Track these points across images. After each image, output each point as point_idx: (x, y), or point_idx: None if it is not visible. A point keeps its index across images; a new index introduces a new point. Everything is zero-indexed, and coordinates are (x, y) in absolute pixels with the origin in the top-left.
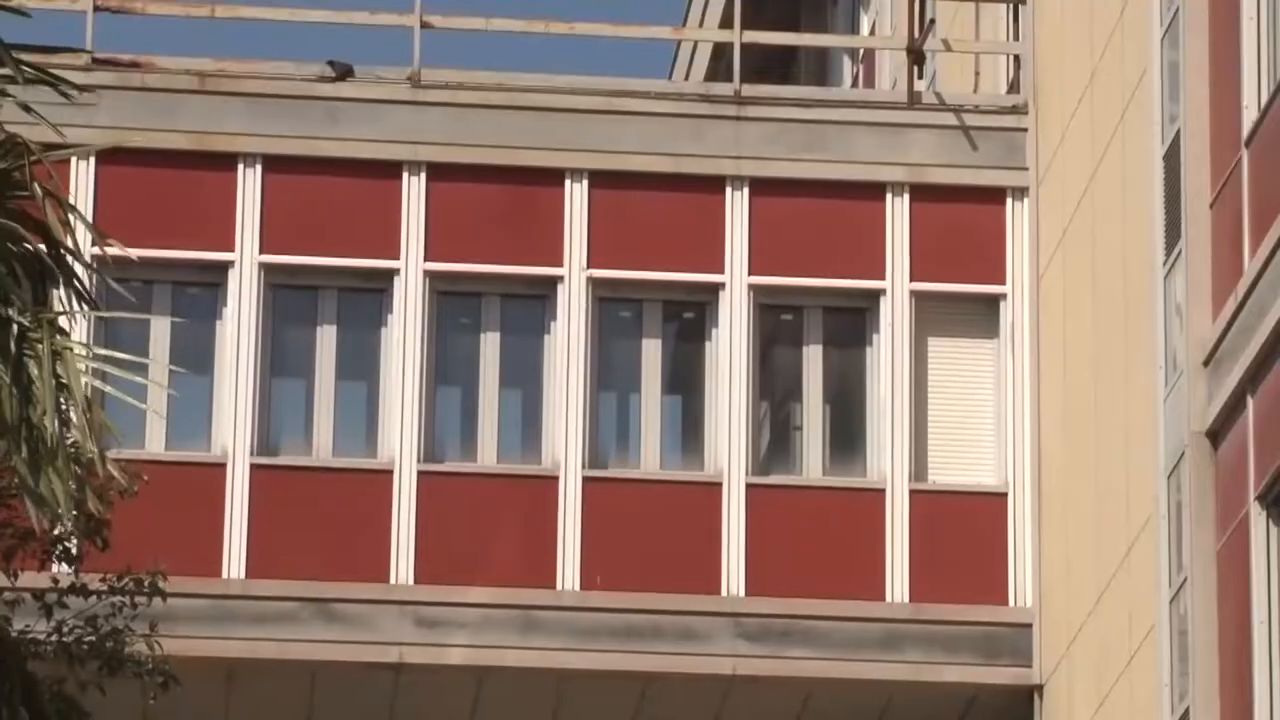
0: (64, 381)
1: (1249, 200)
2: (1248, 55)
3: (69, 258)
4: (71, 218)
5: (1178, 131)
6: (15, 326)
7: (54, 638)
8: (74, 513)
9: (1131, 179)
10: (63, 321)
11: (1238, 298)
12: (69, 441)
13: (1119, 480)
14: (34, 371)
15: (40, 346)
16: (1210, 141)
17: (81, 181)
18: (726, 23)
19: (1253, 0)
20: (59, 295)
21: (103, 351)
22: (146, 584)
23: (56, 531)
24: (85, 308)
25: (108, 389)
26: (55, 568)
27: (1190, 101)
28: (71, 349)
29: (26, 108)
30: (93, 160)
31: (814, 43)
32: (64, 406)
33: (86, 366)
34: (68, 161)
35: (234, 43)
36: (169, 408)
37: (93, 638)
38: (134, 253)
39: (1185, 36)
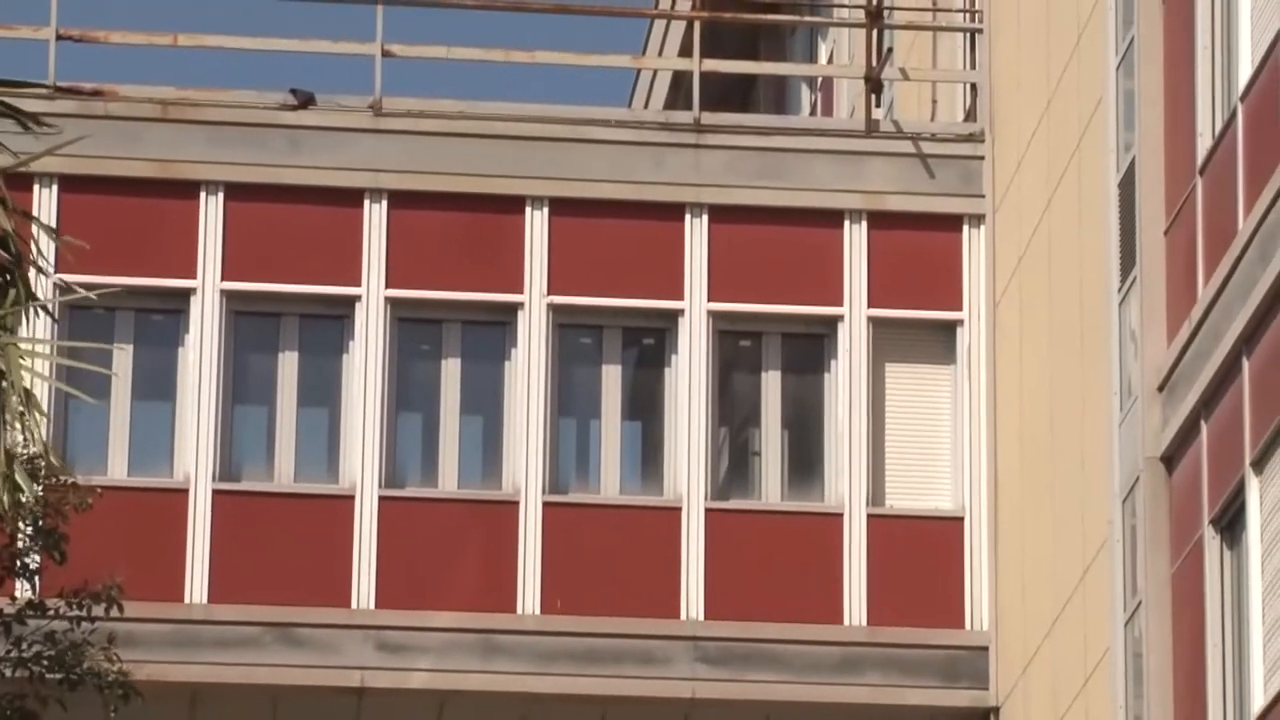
0: (3, 372)
1: (1203, 227)
2: (1202, 84)
3: (30, 268)
4: (34, 228)
5: (1133, 159)
6: None
7: (13, 653)
8: (28, 525)
9: (1087, 206)
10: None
11: (1192, 323)
12: (21, 448)
13: (1074, 504)
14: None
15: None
16: (1165, 169)
17: (46, 208)
18: (686, 51)
19: (1207, 30)
20: (11, 295)
21: (63, 343)
22: (104, 598)
23: (18, 545)
24: (39, 311)
25: (74, 392)
26: (16, 585)
27: (1145, 130)
28: (15, 344)
29: None
30: (55, 187)
31: (772, 71)
32: (13, 404)
33: (38, 363)
34: (31, 189)
35: (196, 71)
36: (131, 431)
37: (52, 653)
38: (94, 279)
39: (1140, 65)
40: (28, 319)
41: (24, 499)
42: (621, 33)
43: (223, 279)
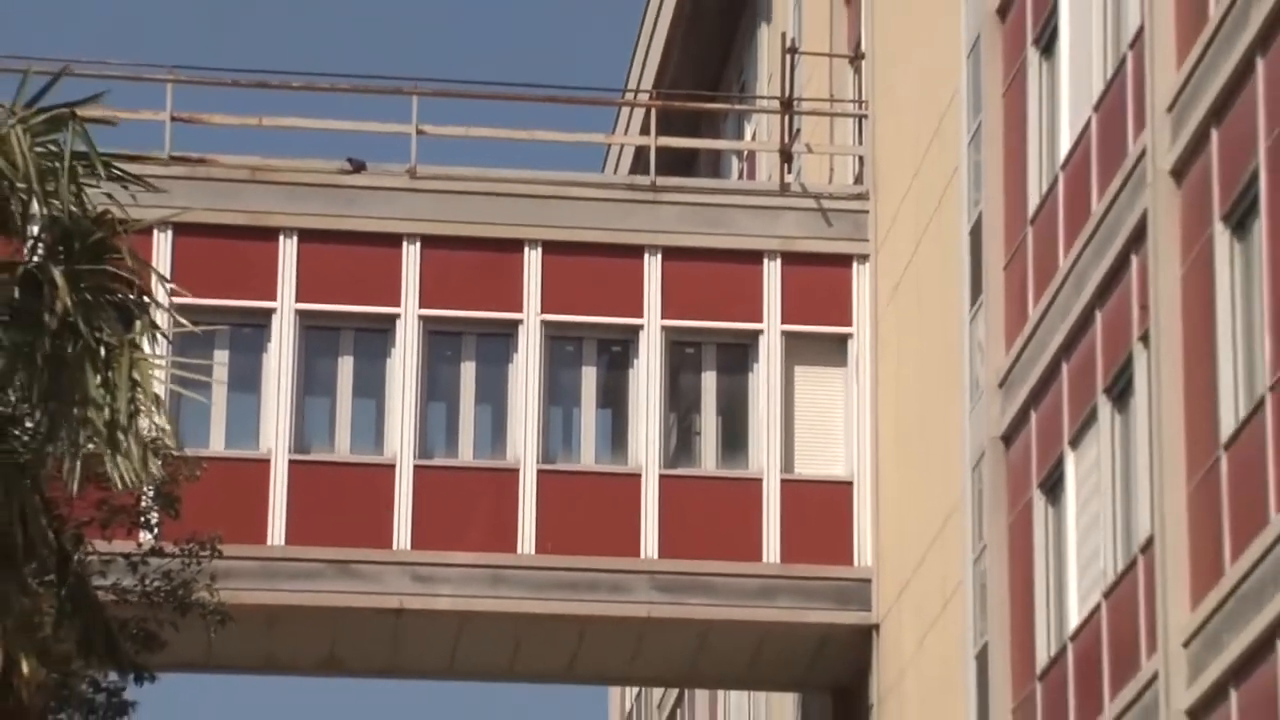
0: (138, 382)
1: (1032, 264)
2: (1032, 157)
3: (148, 300)
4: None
5: (980, 213)
6: (103, 347)
7: (138, 588)
8: (151, 489)
9: (946, 248)
10: (146, 346)
11: (1024, 337)
12: (149, 435)
13: (936, 472)
14: (114, 378)
15: (122, 361)
16: (1004, 221)
17: (163, 249)
18: (645, 130)
19: (1035, 117)
20: (138, 324)
21: (178, 359)
22: (207, 546)
23: (141, 505)
24: (159, 336)
25: (183, 391)
26: (140, 535)
27: (989, 191)
28: (147, 359)
29: (110, 195)
30: (170, 233)
31: (710, 146)
32: (138, 402)
33: (164, 375)
34: (151, 233)
35: (276, 142)
36: (227, 417)
37: (168, 587)
38: (200, 301)
39: (985, 143)
40: (152, 341)
41: (152, 471)
42: (597, 115)
43: (296, 301)
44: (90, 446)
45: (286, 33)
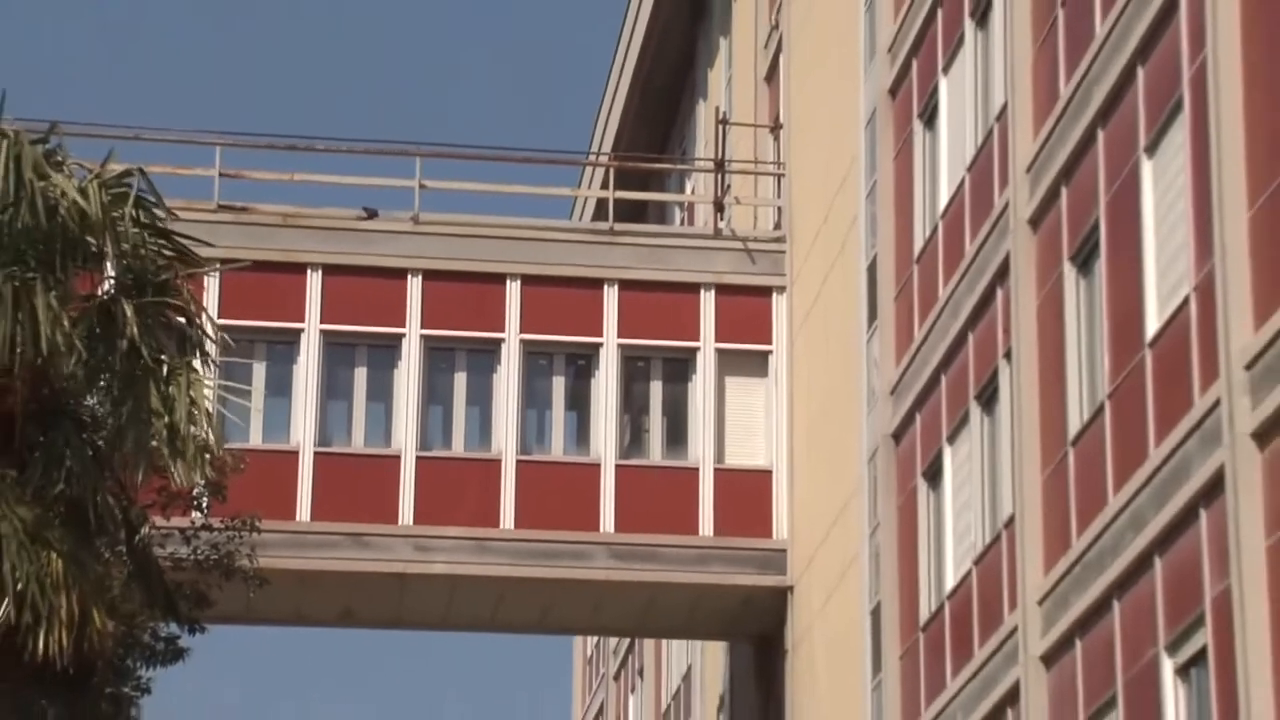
0: (193, 398)
1: (918, 296)
2: (917, 208)
3: (200, 331)
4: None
5: (875, 254)
6: (165, 367)
7: (191, 557)
8: (203, 480)
9: (848, 282)
10: (197, 365)
11: (910, 354)
12: (198, 437)
13: (839, 463)
14: (173, 392)
15: (180, 379)
16: (895, 260)
17: (213, 281)
18: (606, 185)
19: (920, 175)
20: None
21: (222, 382)
22: (247, 522)
23: (194, 491)
24: (207, 359)
25: (229, 397)
26: (193, 513)
27: (882, 237)
28: (201, 379)
29: (156, 248)
30: (217, 272)
31: (657, 198)
32: (195, 414)
33: (212, 393)
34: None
35: (304, 195)
36: (264, 417)
37: (215, 556)
38: (242, 323)
39: (879, 197)
40: (204, 361)
41: (206, 473)
42: (565, 172)
43: (320, 323)
44: (154, 443)
45: (313, 101)
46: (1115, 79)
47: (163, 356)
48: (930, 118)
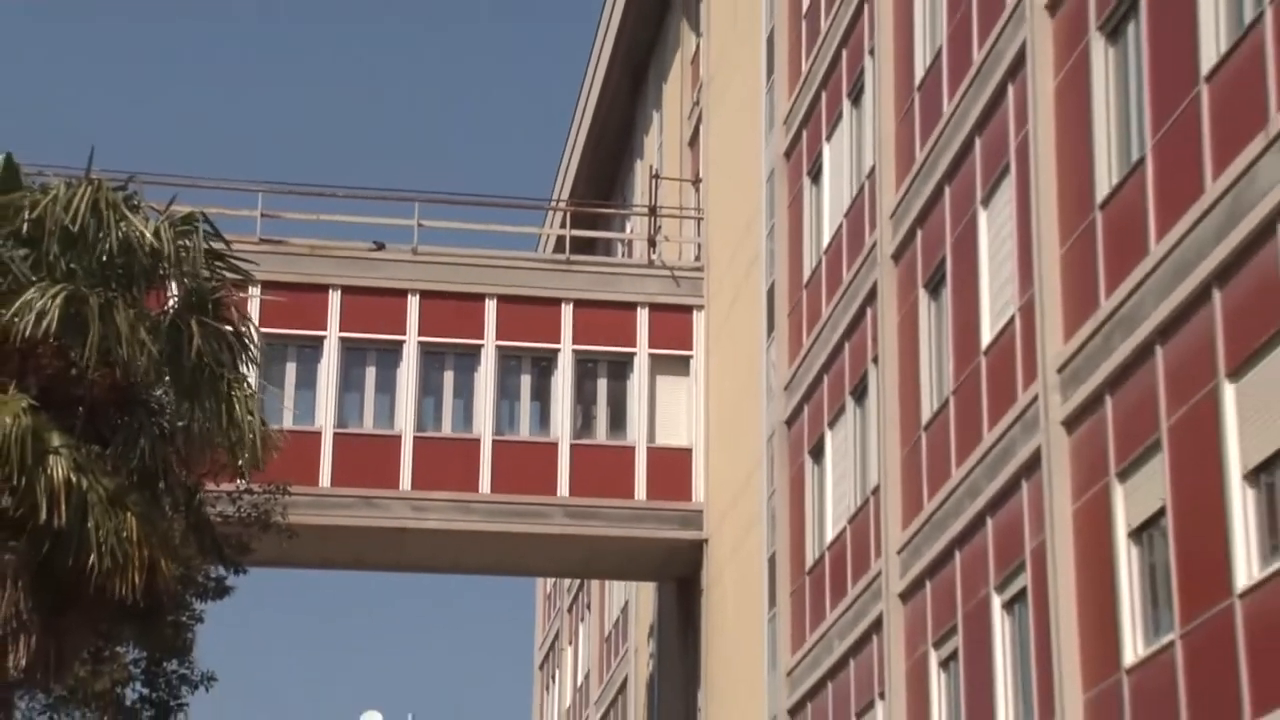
0: (242, 392)
1: (806, 313)
2: (806, 246)
3: (246, 337)
4: (247, 319)
5: (773, 281)
6: (225, 375)
7: (236, 514)
8: (248, 454)
9: (752, 303)
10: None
11: (800, 358)
12: (249, 422)
13: (744, 443)
14: (232, 393)
15: (231, 376)
16: (788, 286)
17: (256, 299)
18: (564, 225)
19: (809, 220)
20: (242, 359)
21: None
22: (280, 488)
23: (239, 463)
24: (253, 364)
25: (269, 385)
26: (238, 480)
27: (779, 269)
28: (249, 383)
29: (212, 272)
30: (259, 288)
31: (603, 235)
32: (244, 405)
33: (256, 394)
34: (248, 289)
35: (327, 230)
36: (295, 405)
37: (255, 514)
38: (278, 330)
39: (777, 237)
40: (248, 364)
41: (258, 459)
42: (533, 215)
43: (339, 331)
44: (209, 427)
45: (332, 154)
46: (958, 147)
47: (223, 371)
48: (816, 175)
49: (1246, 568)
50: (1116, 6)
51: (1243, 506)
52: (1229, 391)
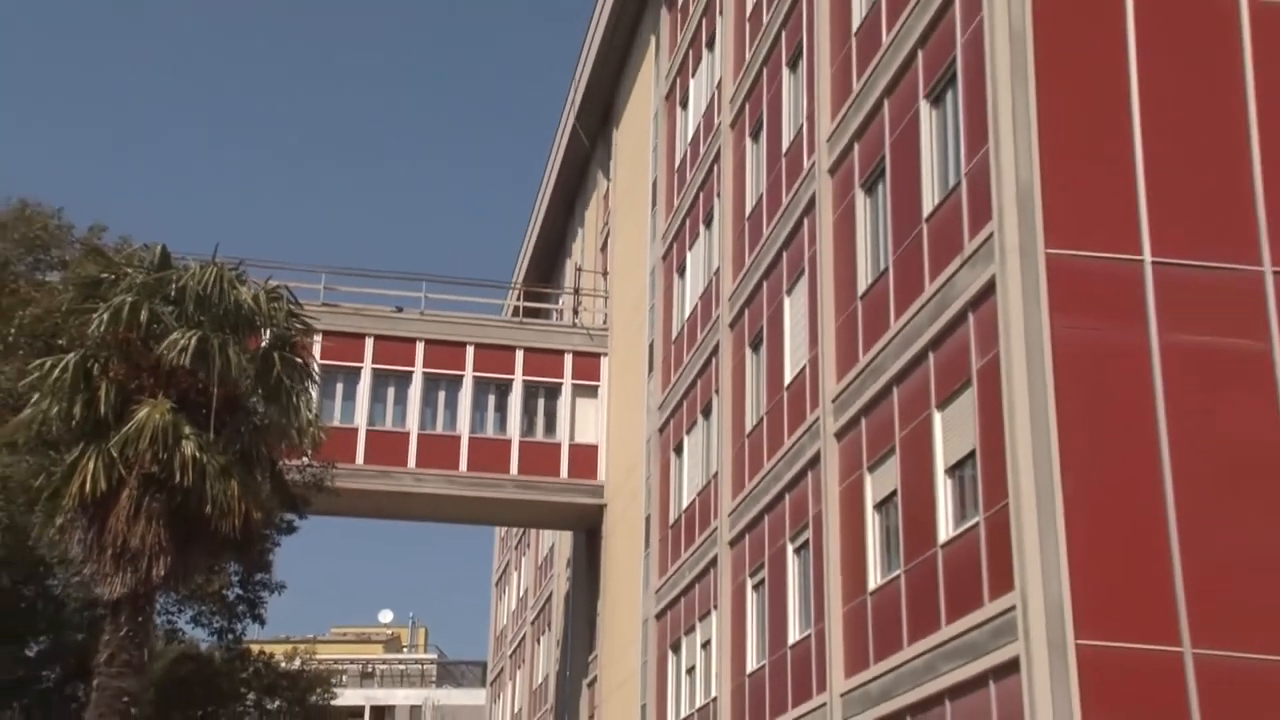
0: (311, 407)
1: (674, 360)
2: (674, 317)
3: (311, 367)
4: (312, 355)
5: (653, 339)
6: (295, 390)
7: (301, 479)
8: (310, 441)
9: (639, 352)
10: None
11: (668, 390)
12: (311, 423)
13: (632, 443)
14: (300, 402)
15: (303, 399)
16: (663, 341)
17: (318, 343)
18: (519, 297)
19: (677, 300)
20: (307, 381)
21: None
22: (330, 464)
23: (304, 446)
24: (314, 384)
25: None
26: (303, 458)
27: (658, 329)
28: (312, 396)
29: (290, 324)
30: (320, 336)
31: (543, 306)
32: (308, 412)
33: (314, 407)
34: (314, 336)
35: (367, 299)
36: (339, 411)
37: (314, 480)
38: (332, 362)
39: (657, 312)
40: (311, 383)
41: (317, 440)
42: (500, 291)
43: (371, 364)
44: (284, 423)
45: (364, 245)
46: (772, 256)
47: (292, 384)
48: (681, 272)
49: (946, 528)
50: (871, 171)
51: (944, 489)
52: (938, 417)
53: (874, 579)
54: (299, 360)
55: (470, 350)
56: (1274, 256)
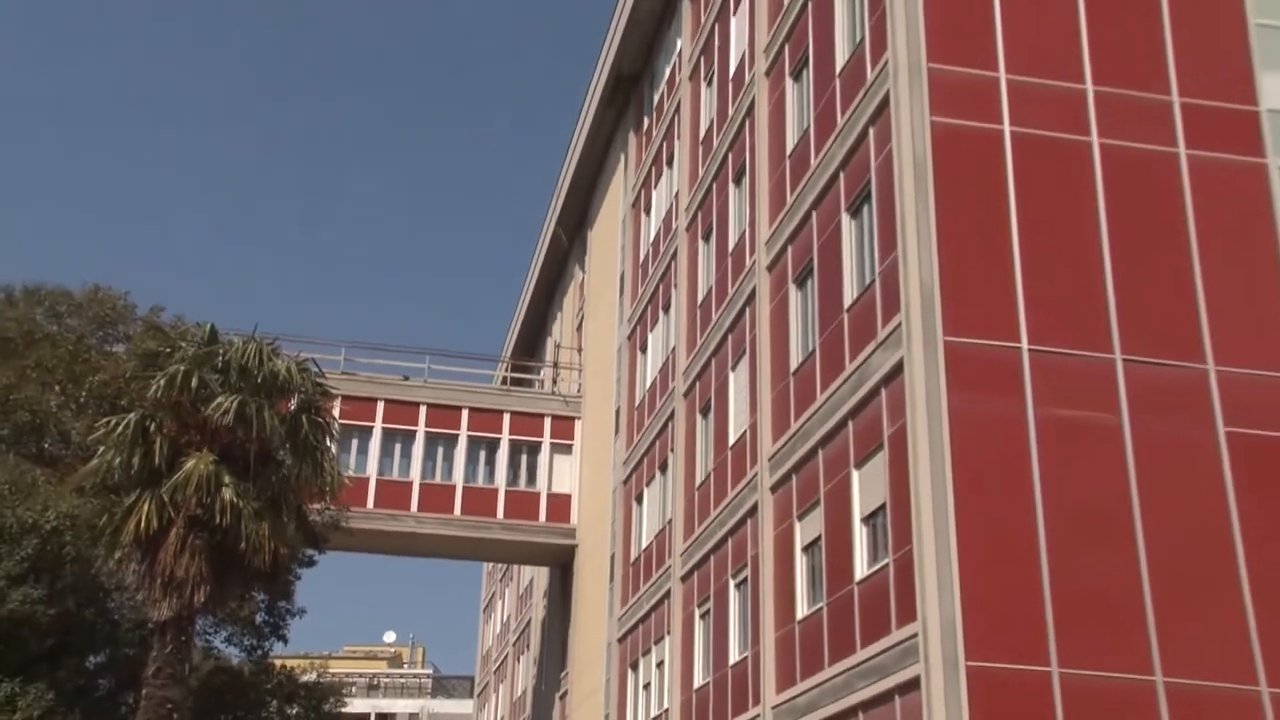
0: (331, 460)
1: (636, 422)
2: (638, 388)
3: (331, 426)
4: (332, 416)
5: (619, 405)
6: (319, 446)
7: (321, 520)
8: (329, 489)
9: (607, 417)
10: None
11: (633, 447)
12: (331, 475)
13: (601, 491)
14: (322, 456)
15: (324, 453)
16: (628, 408)
17: (338, 405)
18: (508, 369)
19: (640, 374)
20: (329, 438)
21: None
22: (346, 507)
23: (324, 492)
24: (334, 440)
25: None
26: (323, 501)
27: (623, 398)
28: (332, 450)
29: (313, 389)
30: (339, 401)
31: (527, 377)
32: (329, 464)
33: (334, 460)
34: (336, 400)
35: (377, 369)
36: (353, 463)
37: (331, 521)
38: (349, 422)
39: (623, 382)
40: (331, 440)
41: (337, 489)
42: (490, 364)
43: (382, 424)
44: (309, 474)
45: (375, 323)
46: (719, 339)
47: (316, 441)
48: (644, 349)
49: (861, 567)
50: (802, 269)
51: (860, 535)
52: (855, 475)
53: (801, 609)
54: (322, 420)
55: (465, 413)
56: (1123, 346)
